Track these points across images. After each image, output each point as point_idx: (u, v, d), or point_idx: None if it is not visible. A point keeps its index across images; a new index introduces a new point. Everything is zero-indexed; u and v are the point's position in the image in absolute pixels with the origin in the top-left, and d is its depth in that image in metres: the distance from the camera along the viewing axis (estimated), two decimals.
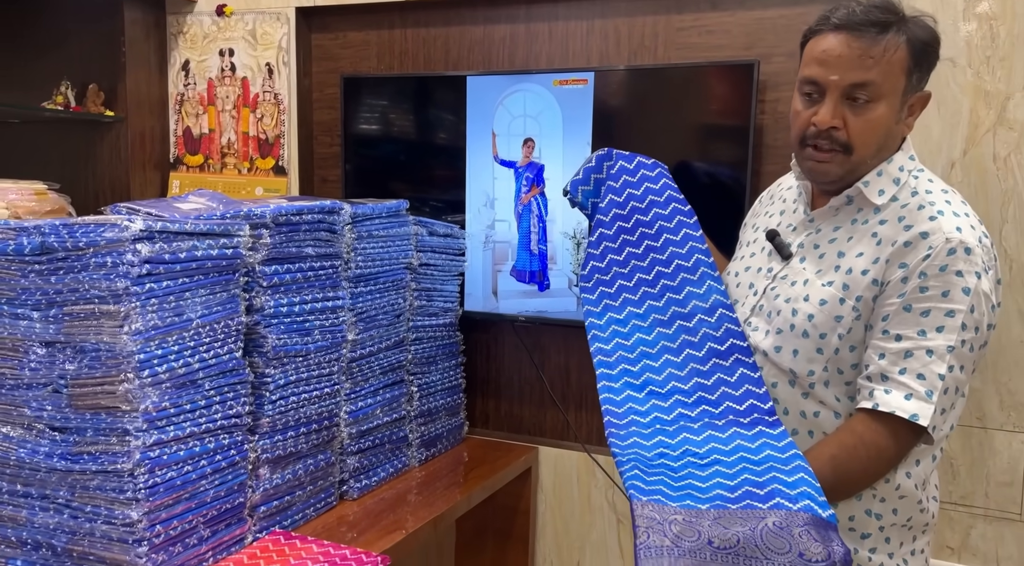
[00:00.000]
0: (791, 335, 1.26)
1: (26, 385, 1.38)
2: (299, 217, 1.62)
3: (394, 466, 1.96)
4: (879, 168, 1.25)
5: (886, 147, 1.24)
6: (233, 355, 1.50)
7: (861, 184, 1.25)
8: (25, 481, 1.39)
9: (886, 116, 1.19)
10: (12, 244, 1.34)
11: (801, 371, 1.26)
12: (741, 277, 1.39)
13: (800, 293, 1.26)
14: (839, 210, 1.29)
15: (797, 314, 1.26)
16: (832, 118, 1.20)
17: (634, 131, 2.05)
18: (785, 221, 1.37)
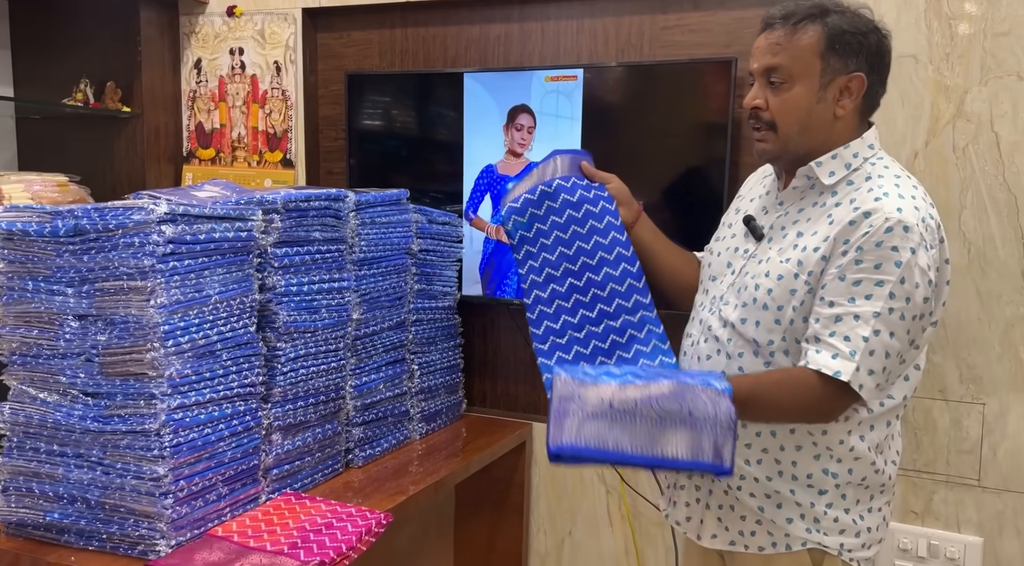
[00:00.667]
0: (754, 308, 1.38)
1: (61, 355, 1.52)
2: (307, 204, 1.76)
3: (396, 438, 2.09)
4: (835, 152, 1.36)
5: (813, 125, 1.35)
6: (248, 329, 1.64)
7: (814, 164, 1.37)
8: (61, 441, 1.52)
9: (802, 95, 1.33)
10: (48, 227, 1.48)
11: (762, 340, 1.38)
12: (722, 256, 1.51)
13: (763, 270, 1.38)
14: (804, 193, 1.40)
15: (759, 289, 1.38)
16: (753, 99, 1.37)
17: (621, 124, 2.18)
18: (762, 204, 1.49)
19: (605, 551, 2.32)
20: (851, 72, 1.33)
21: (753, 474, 1.41)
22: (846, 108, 1.35)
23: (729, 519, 1.45)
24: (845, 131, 1.37)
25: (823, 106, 1.34)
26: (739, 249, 1.47)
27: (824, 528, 1.39)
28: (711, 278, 1.51)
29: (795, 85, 1.33)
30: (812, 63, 1.32)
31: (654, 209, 2.18)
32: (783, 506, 1.40)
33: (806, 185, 1.40)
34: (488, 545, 2.40)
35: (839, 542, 1.39)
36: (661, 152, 2.16)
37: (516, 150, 2.29)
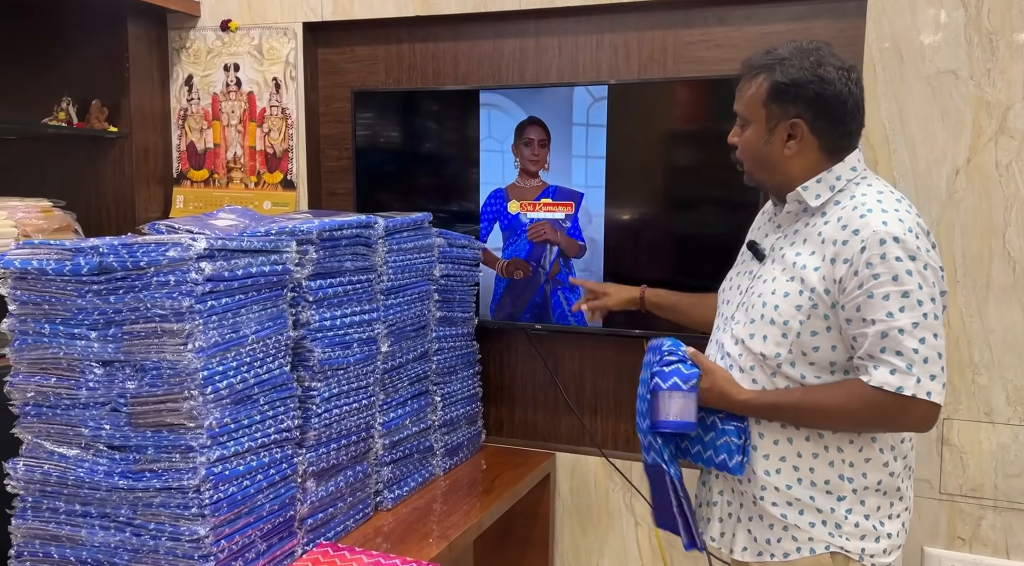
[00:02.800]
0: (761, 323, 1.46)
1: (83, 404, 1.38)
2: (340, 232, 1.65)
3: (423, 475, 1.99)
4: (819, 176, 1.46)
5: (768, 164, 1.49)
6: (283, 370, 1.52)
7: (800, 189, 1.47)
8: (83, 500, 1.39)
9: (752, 137, 1.49)
10: (69, 265, 1.35)
11: (770, 353, 1.45)
12: (734, 281, 1.62)
13: (768, 288, 1.47)
14: (797, 216, 1.51)
15: (766, 305, 1.46)
16: (731, 137, 1.55)
17: (647, 143, 2.11)
18: (764, 229, 1.62)
19: None
20: (791, 118, 1.45)
21: (774, 483, 1.46)
22: (793, 149, 1.46)
23: (758, 530, 1.50)
24: (807, 167, 1.47)
25: (772, 148, 1.48)
26: (747, 272, 1.58)
27: (845, 533, 1.44)
28: (725, 302, 1.61)
29: (749, 128, 1.50)
30: (759, 110, 1.47)
31: (682, 226, 2.13)
32: (805, 512, 1.45)
33: (798, 208, 1.50)
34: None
35: (860, 547, 1.44)
36: (691, 169, 2.10)
37: (529, 169, 2.20)
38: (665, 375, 1.48)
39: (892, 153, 1.89)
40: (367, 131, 2.36)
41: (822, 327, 1.40)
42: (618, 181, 2.11)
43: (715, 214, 2.08)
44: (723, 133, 1.57)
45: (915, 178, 1.88)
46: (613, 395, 2.27)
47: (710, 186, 2.06)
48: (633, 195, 2.13)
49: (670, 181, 2.13)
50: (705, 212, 2.10)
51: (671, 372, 1.47)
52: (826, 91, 1.43)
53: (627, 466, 2.22)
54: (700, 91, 2.08)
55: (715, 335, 1.61)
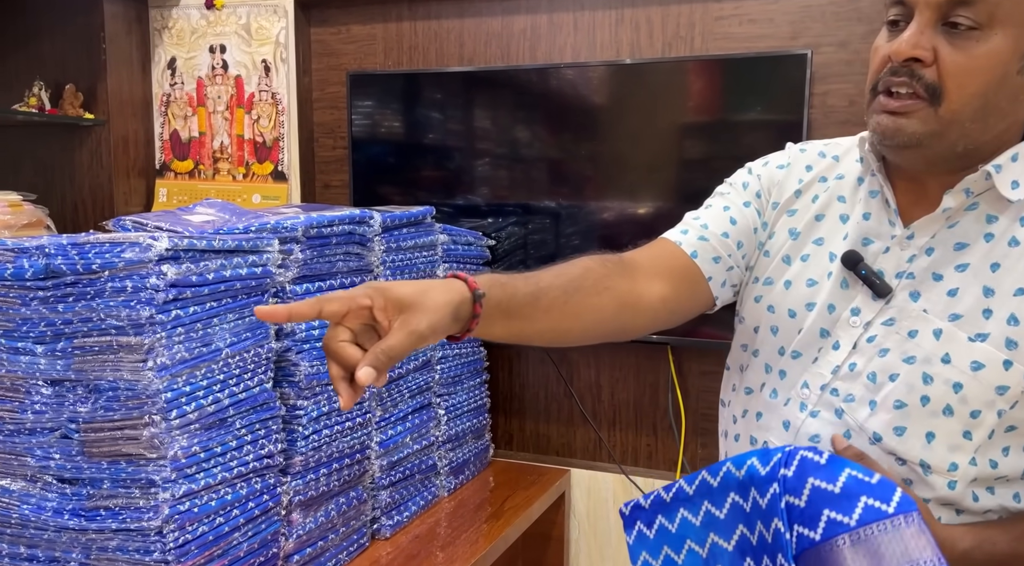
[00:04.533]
0: (923, 412, 0.89)
1: (28, 430, 1.19)
2: (330, 229, 1.45)
3: (424, 498, 1.79)
4: (1015, 150, 0.89)
5: (1000, 109, 0.86)
6: (264, 387, 1.33)
7: (991, 168, 0.88)
8: (30, 542, 1.20)
9: (1001, 53, 0.83)
10: (11, 267, 1.15)
11: (937, 464, 0.89)
12: (798, 321, 0.98)
13: (932, 350, 0.89)
14: (957, 218, 0.92)
15: (933, 382, 0.89)
16: (914, 46, 0.85)
17: (675, 128, 1.91)
18: (857, 231, 0.97)
19: None
20: None
21: None
22: None
23: None
24: (1017, 113, 0.89)
25: (1022, 80, 0.85)
26: (836, 308, 0.96)
27: None
28: (792, 354, 0.99)
29: (994, 34, 0.82)
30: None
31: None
32: None
33: (963, 204, 0.91)
34: None
35: None
36: (721, 159, 1.90)
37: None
38: (843, 503, 0.76)
39: None
40: (364, 118, 2.16)
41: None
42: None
43: None
44: (755, 123, 1.25)
45: None
46: (633, 406, 2.07)
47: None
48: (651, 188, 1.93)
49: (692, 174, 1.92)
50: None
51: (851, 494, 0.76)
52: None
53: (648, 483, 2.03)
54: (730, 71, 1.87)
55: (773, 412, 0.99)
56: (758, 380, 1.02)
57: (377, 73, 2.18)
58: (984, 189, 0.90)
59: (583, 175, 1.95)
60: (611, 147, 1.92)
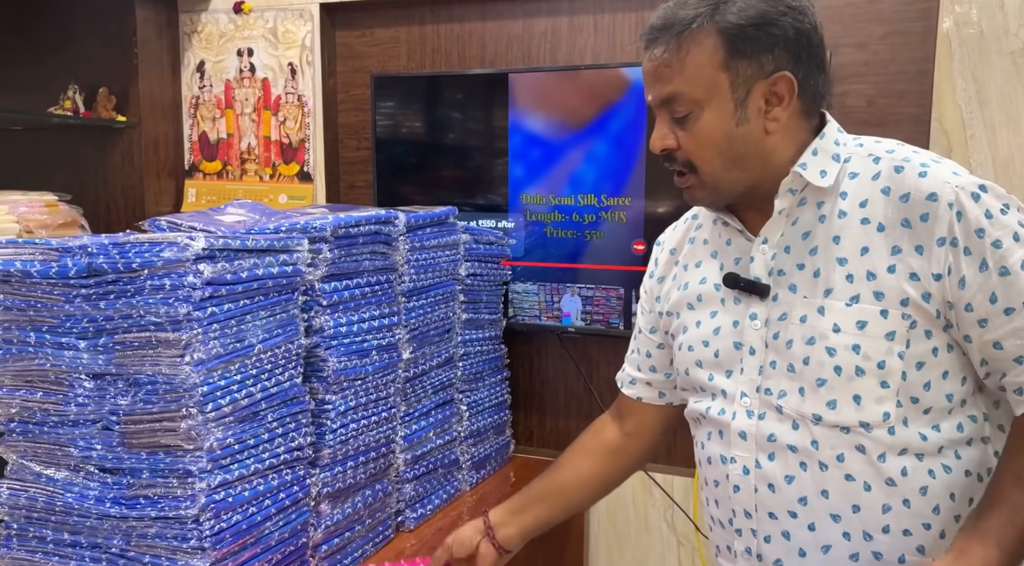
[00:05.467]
0: (841, 381, 1.00)
1: (72, 422, 1.24)
2: (357, 229, 1.50)
3: (447, 492, 1.83)
4: (812, 146, 1.04)
5: (745, 154, 1.04)
6: (294, 382, 1.38)
7: (798, 169, 1.03)
8: (73, 529, 1.25)
9: (715, 123, 1.02)
10: (55, 266, 1.21)
11: (873, 419, 0.99)
12: (713, 345, 1.12)
13: (823, 326, 1.02)
14: (796, 214, 1.06)
15: (835, 353, 1.00)
16: (661, 141, 1.06)
17: None
18: (725, 261, 1.13)
19: None
20: (771, 74, 1.01)
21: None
22: (779, 118, 1.03)
23: None
24: (790, 141, 1.05)
25: (748, 128, 1.03)
26: (739, 322, 1.09)
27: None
28: (725, 372, 1.11)
29: (703, 113, 1.02)
30: (716, 79, 1.01)
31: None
32: None
33: (793, 202, 1.06)
34: None
35: None
36: None
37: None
38: None
39: (969, 138, 1.71)
40: (388, 120, 2.20)
41: (927, 352, 0.99)
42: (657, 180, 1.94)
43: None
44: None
45: (995, 166, 1.69)
46: None
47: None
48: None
49: None
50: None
51: None
52: (802, 24, 1.02)
53: (668, 480, 2.06)
54: None
55: (725, 429, 1.10)
56: (705, 406, 1.14)
57: (400, 75, 2.22)
58: (803, 185, 1.06)
59: (602, 175, 1.99)
60: (629, 149, 1.95)
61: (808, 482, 1.02)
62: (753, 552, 1.07)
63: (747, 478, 1.07)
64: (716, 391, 1.12)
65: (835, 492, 1.01)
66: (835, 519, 1.02)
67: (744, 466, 1.07)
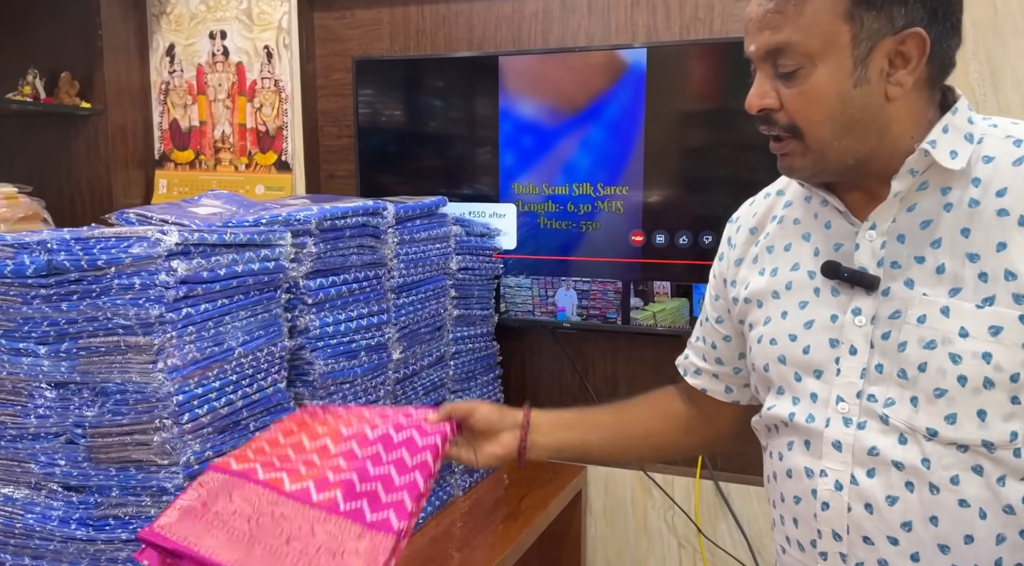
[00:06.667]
0: (965, 393, 0.87)
1: (32, 435, 1.13)
2: (344, 221, 1.39)
3: (440, 499, 1.74)
4: (943, 122, 0.91)
5: (860, 121, 0.91)
6: (277, 388, 1.27)
7: (927, 146, 0.90)
8: (35, 552, 1.14)
9: (829, 82, 0.89)
10: (11, 264, 1.09)
11: (999, 438, 0.87)
12: (802, 340, 0.98)
13: (947, 329, 0.89)
14: (913, 200, 0.93)
15: (961, 360, 0.87)
16: (760, 97, 0.93)
17: (694, 116, 1.85)
18: (821, 246, 0.99)
19: None
20: (900, 30, 0.88)
21: None
22: (903, 83, 0.90)
23: None
24: (911, 114, 0.92)
25: (867, 90, 0.90)
26: (838, 318, 0.96)
27: None
28: (814, 372, 0.97)
29: (816, 68, 0.89)
30: (836, 30, 0.88)
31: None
32: None
33: (912, 185, 0.93)
34: None
35: None
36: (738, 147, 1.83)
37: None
38: None
39: None
40: (371, 106, 2.09)
41: None
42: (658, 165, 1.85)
43: None
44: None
45: None
46: None
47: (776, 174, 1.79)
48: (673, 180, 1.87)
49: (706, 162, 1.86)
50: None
51: None
52: None
53: (668, 480, 1.97)
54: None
55: (817, 439, 0.96)
56: (788, 411, 0.99)
57: (384, 59, 2.11)
58: (926, 166, 0.92)
59: (598, 163, 1.89)
60: (626, 135, 1.85)
61: (915, 505, 0.89)
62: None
63: (840, 495, 0.93)
64: (803, 394, 0.97)
65: (946, 519, 0.88)
66: (943, 550, 0.89)
67: (837, 481, 0.93)
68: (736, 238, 1.11)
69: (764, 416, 1.04)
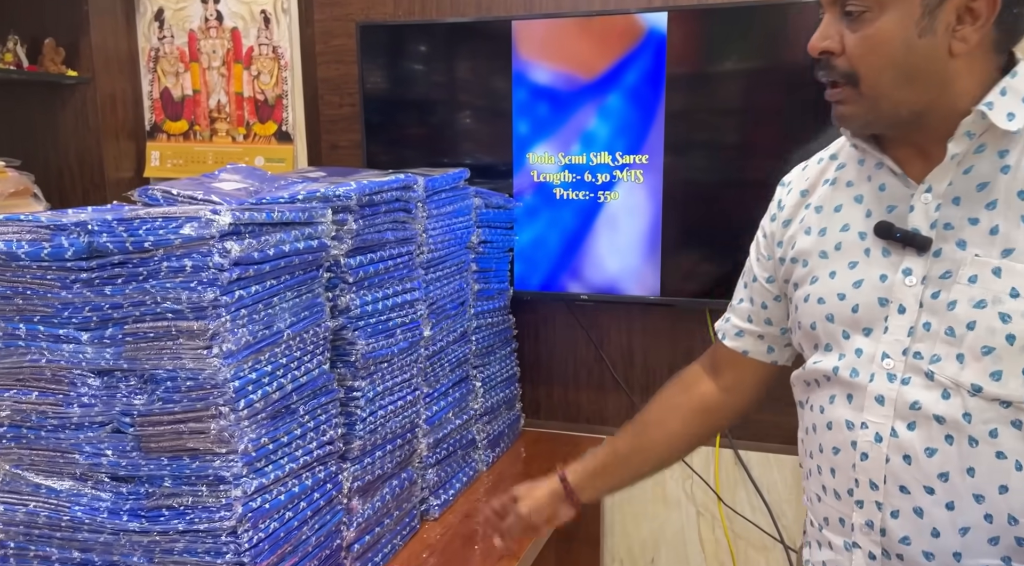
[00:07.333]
0: (1012, 351, 0.90)
1: (75, 425, 1.08)
2: (380, 196, 1.34)
3: (467, 474, 1.72)
4: (1001, 85, 0.91)
5: (923, 71, 0.90)
6: (323, 369, 1.23)
7: (983, 107, 0.90)
8: (83, 545, 1.09)
9: (894, 28, 0.89)
10: (47, 247, 1.03)
11: None
12: (851, 299, 1.00)
13: (997, 289, 0.91)
14: (970, 162, 0.94)
15: (1010, 319, 0.90)
16: (822, 39, 0.93)
17: (717, 82, 1.82)
18: (874, 207, 1.00)
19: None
20: None
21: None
22: (968, 39, 0.90)
23: None
24: (973, 73, 0.91)
25: (931, 41, 0.89)
26: (888, 277, 0.98)
27: None
28: (863, 330, 0.98)
29: (883, 13, 0.89)
30: None
31: (754, 186, 1.84)
32: None
33: (970, 148, 0.93)
34: None
35: None
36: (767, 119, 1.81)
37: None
38: None
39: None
40: (377, 73, 2.02)
41: None
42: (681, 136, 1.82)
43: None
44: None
45: None
46: (668, 371, 2.00)
47: (800, 140, 1.77)
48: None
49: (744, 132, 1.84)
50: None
51: None
52: None
53: None
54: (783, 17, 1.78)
55: (860, 393, 0.98)
56: (832, 365, 1.01)
57: (390, 24, 2.04)
58: (984, 129, 0.92)
59: (617, 131, 1.86)
60: (648, 102, 1.82)
61: (953, 457, 0.92)
62: (876, 526, 0.97)
63: (879, 446, 0.96)
64: (849, 350, 0.99)
65: (982, 470, 0.91)
66: (978, 499, 0.92)
67: (877, 433, 0.96)
68: (786, 200, 1.12)
69: (808, 370, 1.05)
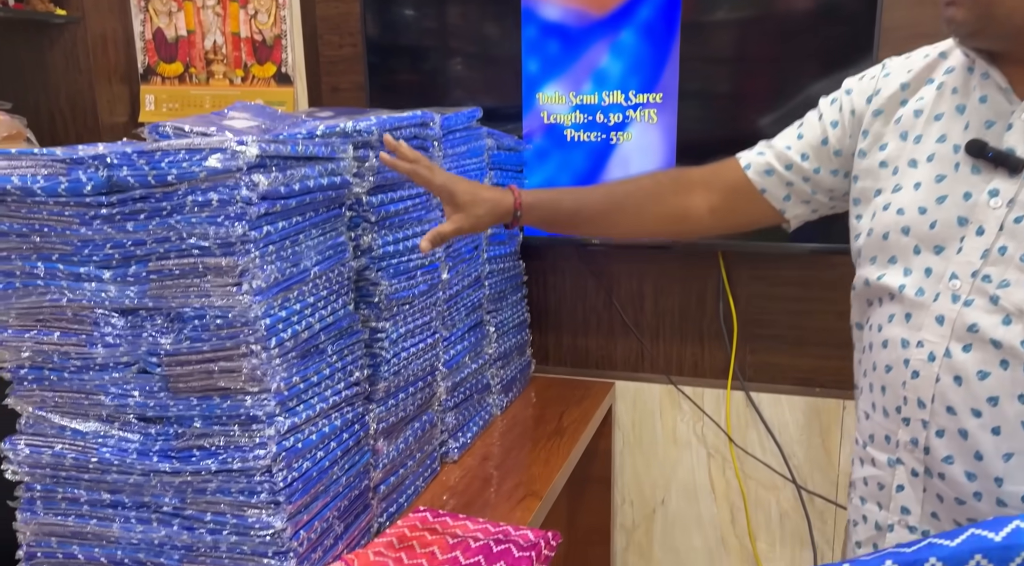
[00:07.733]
0: None
1: (99, 366, 1.05)
2: (399, 133, 1.30)
3: (483, 418, 1.71)
4: None
5: None
6: (347, 310, 1.21)
7: None
8: (112, 487, 1.07)
9: None
10: (64, 181, 0.99)
11: None
12: (931, 215, 0.97)
13: None
14: None
15: None
16: None
17: (735, 18, 1.78)
18: (973, 120, 0.96)
19: (706, 520, 2.03)
20: None
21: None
22: None
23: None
24: None
25: None
26: (971, 195, 0.94)
27: None
28: (934, 248, 0.96)
29: None
30: None
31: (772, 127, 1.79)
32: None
33: None
34: (569, 521, 2.08)
35: None
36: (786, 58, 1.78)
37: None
38: None
39: None
40: (380, 12, 1.96)
41: None
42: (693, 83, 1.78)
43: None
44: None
45: None
46: (679, 315, 2.01)
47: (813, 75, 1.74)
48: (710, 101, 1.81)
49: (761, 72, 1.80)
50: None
51: None
52: None
53: (696, 393, 1.99)
54: None
55: (920, 308, 0.96)
56: (898, 283, 1.00)
57: None
58: None
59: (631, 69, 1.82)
60: (662, 39, 1.78)
61: (1005, 382, 0.91)
62: (920, 444, 0.96)
63: (931, 365, 0.95)
64: (917, 267, 0.97)
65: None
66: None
67: (931, 352, 0.95)
68: (883, 84, 1.06)
69: (872, 286, 1.03)
